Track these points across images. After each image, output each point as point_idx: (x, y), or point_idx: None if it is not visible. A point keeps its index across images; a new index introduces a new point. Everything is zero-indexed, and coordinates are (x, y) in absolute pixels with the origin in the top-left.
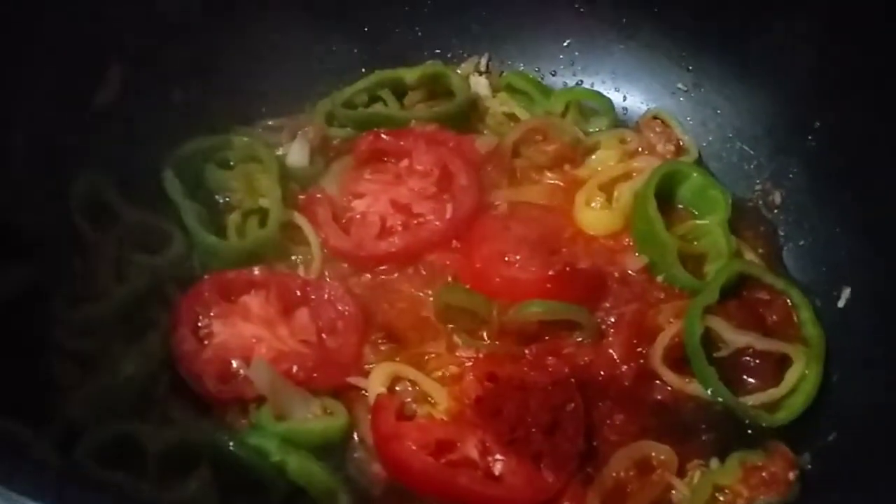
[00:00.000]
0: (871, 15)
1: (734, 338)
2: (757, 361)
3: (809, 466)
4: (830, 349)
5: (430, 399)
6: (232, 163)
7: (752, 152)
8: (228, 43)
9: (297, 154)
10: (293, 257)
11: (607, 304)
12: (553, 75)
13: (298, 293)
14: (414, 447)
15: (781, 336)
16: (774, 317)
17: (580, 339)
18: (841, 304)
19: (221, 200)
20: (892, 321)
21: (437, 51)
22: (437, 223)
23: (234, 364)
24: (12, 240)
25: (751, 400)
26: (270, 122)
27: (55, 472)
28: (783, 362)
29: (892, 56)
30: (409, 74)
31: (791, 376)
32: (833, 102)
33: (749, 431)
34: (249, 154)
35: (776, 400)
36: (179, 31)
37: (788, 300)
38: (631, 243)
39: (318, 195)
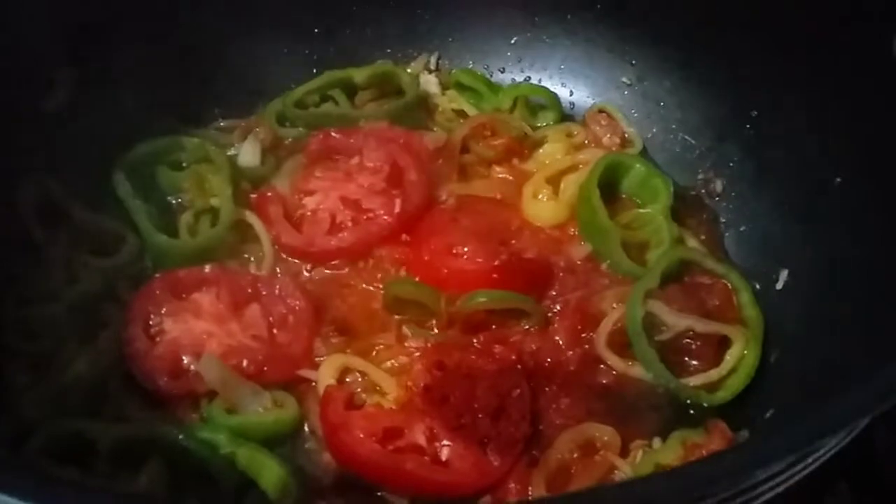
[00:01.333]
0: (805, 4)
1: (675, 321)
2: (698, 343)
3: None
4: (768, 330)
5: (379, 389)
6: (184, 164)
7: (693, 142)
8: (179, 45)
9: (248, 154)
10: (245, 255)
11: (553, 293)
12: (501, 72)
13: (249, 290)
14: (361, 435)
15: (722, 318)
16: (715, 300)
17: (527, 326)
18: (779, 286)
19: (174, 201)
20: (826, 302)
21: (388, 50)
22: (387, 218)
23: (185, 360)
24: None
25: (692, 381)
26: (222, 123)
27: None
28: (723, 344)
29: (826, 46)
30: (360, 74)
31: (731, 357)
32: (769, 92)
33: (691, 411)
34: (201, 155)
35: (716, 380)
36: (130, 34)
37: (728, 284)
38: (576, 233)
39: (270, 193)
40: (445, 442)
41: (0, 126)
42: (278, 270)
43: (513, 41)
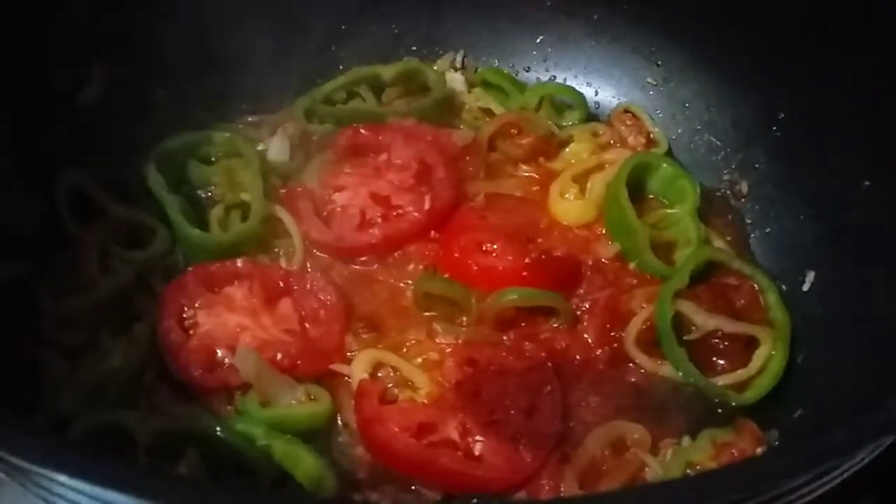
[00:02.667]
0: (834, 10)
1: (704, 321)
2: (726, 344)
3: (777, 442)
4: (796, 331)
5: (411, 384)
6: (213, 158)
7: (719, 143)
8: (209, 42)
9: (277, 149)
10: (276, 250)
11: (581, 291)
12: (527, 71)
13: (281, 284)
14: (396, 429)
15: (749, 319)
16: (742, 301)
17: (556, 324)
18: (805, 287)
19: (204, 195)
20: (852, 304)
21: (414, 48)
22: (416, 214)
23: (220, 353)
24: None
25: (720, 380)
26: (251, 119)
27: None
28: (751, 344)
29: (854, 48)
30: (387, 71)
31: (758, 357)
32: (796, 94)
33: (719, 410)
34: (231, 150)
35: (744, 380)
36: (161, 30)
37: (755, 285)
38: (604, 232)
39: (299, 189)
40: (478, 437)
41: (35, 120)
42: (308, 265)
43: (538, 40)
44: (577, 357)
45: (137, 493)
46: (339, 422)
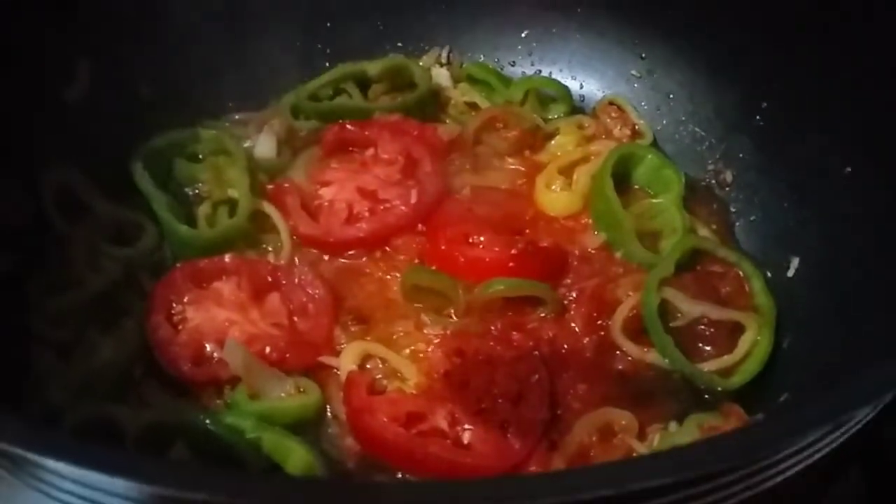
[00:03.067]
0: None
1: (689, 308)
2: (712, 330)
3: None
4: (781, 316)
5: (399, 375)
6: (200, 156)
7: (703, 134)
8: (195, 39)
9: (264, 146)
10: (263, 245)
11: (568, 281)
12: (512, 65)
13: (269, 278)
14: (385, 419)
15: (734, 305)
16: (727, 288)
17: (543, 314)
18: (790, 273)
19: (191, 192)
20: (836, 289)
21: (399, 44)
22: (403, 208)
23: (208, 347)
24: None
25: (707, 366)
26: (237, 116)
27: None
28: (736, 330)
29: (836, 37)
30: (372, 67)
31: (744, 343)
32: (778, 83)
33: (706, 396)
34: (218, 147)
35: (730, 366)
36: (146, 27)
37: (740, 272)
38: (590, 223)
39: (286, 185)
40: (467, 426)
41: (22, 116)
42: (296, 260)
43: (523, 35)
44: (565, 346)
45: (139, 477)
46: (329, 413)
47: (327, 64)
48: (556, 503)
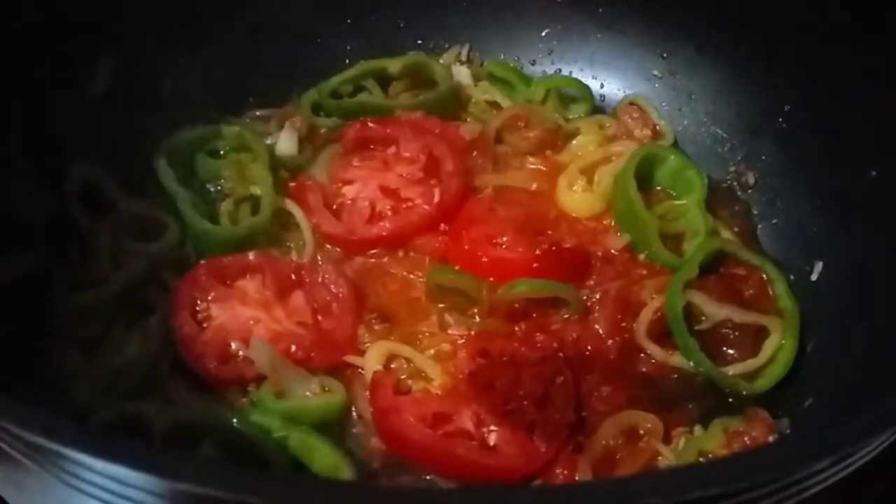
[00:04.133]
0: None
1: (714, 311)
2: (736, 333)
3: (788, 430)
4: (805, 320)
5: (424, 375)
6: (222, 152)
7: (725, 135)
8: (217, 36)
9: (286, 143)
10: (286, 243)
11: (592, 282)
12: (532, 64)
13: (293, 276)
14: (412, 420)
15: (758, 309)
16: (751, 291)
17: (567, 315)
18: (814, 277)
19: (213, 189)
20: (860, 292)
21: (419, 42)
22: (426, 207)
23: (233, 345)
24: (10, 230)
25: (731, 370)
26: (258, 113)
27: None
28: (761, 334)
29: (860, 39)
30: (393, 65)
31: (768, 347)
32: (802, 85)
33: (730, 400)
34: (240, 143)
35: (755, 369)
36: (169, 24)
37: (764, 275)
38: (612, 224)
39: (309, 182)
40: (493, 427)
41: (45, 113)
42: (319, 258)
43: (544, 33)
44: (589, 348)
45: (170, 473)
46: (354, 413)
47: (348, 61)
48: None
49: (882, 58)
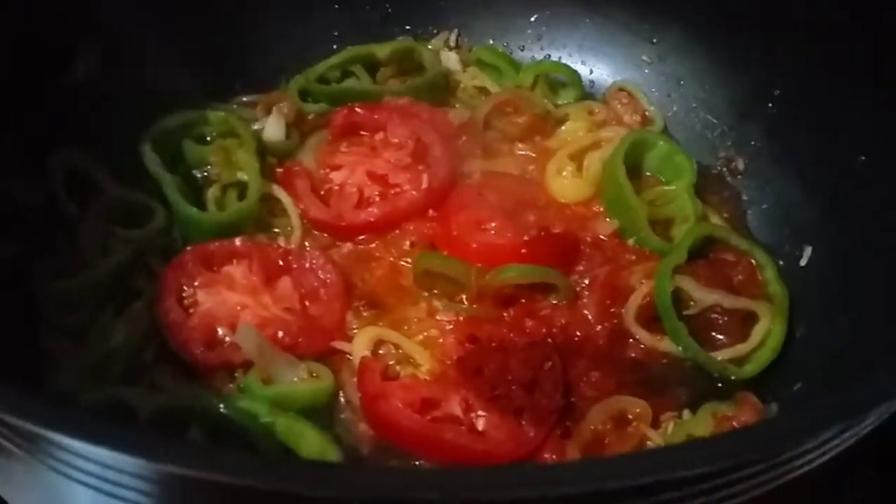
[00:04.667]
0: None
1: (703, 296)
2: (725, 318)
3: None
4: (794, 305)
5: (412, 361)
6: (209, 138)
7: (715, 121)
8: (201, 21)
9: (273, 128)
10: (274, 229)
11: (581, 268)
12: (521, 50)
13: (280, 262)
14: (400, 405)
15: (747, 294)
16: (740, 276)
17: (556, 301)
18: (803, 262)
19: (199, 175)
20: (850, 278)
21: (408, 27)
22: (415, 193)
23: (220, 331)
24: None
25: (720, 355)
26: (245, 99)
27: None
28: (749, 319)
29: (849, 24)
30: (381, 50)
31: (757, 332)
32: (791, 71)
33: (719, 385)
34: (226, 129)
35: (744, 354)
36: (154, 8)
37: (753, 260)
38: (601, 209)
39: (296, 168)
40: (481, 412)
41: (29, 98)
42: (307, 244)
43: (533, 19)
44: (578, 333)
45: (156, 455)
46: (342, 399)
47: (336, 47)
48: (583, 492)
49: (871, 43)
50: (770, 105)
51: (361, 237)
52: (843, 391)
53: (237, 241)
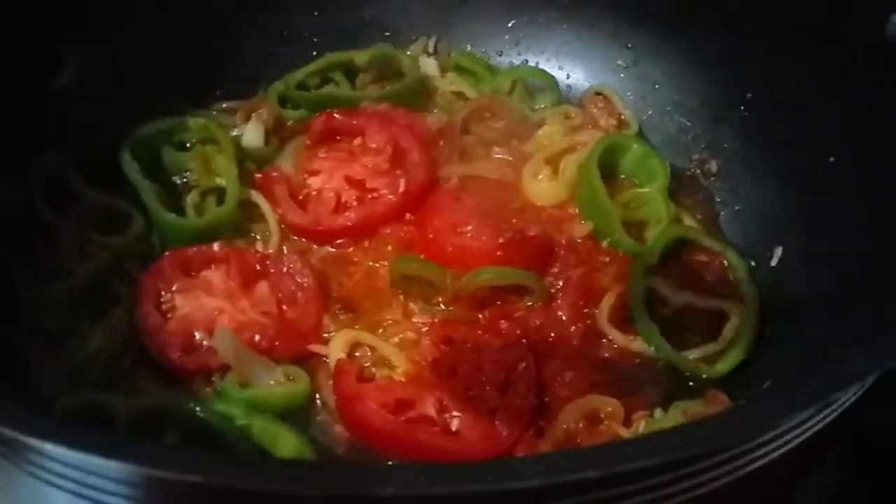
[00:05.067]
0: None
1: (675, 297)
2: (696, 318)
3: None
4: (764, 305)
5: (388, 363)
6: (188, 144)
7: (689, 124)
8: (182, 27)
9: (252, 134)
10: (252, 234)
11: (555, 269)
12: (499, 55)
13: (258, 267)
14: (374, 406)
15: (719, 294)
16: (712, 277)
17: (530, 302)
18: (773, 262)
19: (179, 181)
20: (818, 278)
21: (386, 33)
22: (392, 197)
23: (198, 335)
24: None
25: (691, 354)
26: (224, 105)
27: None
28: (721, 318)
29: (821, 28)
30: (360, 56)
31: (728, 331)
32: (763, 74)
33: (690, 383)
34: (205, 135)
35: (715, 353)
36: (133, 14)
37: (725, 261)
38: (576, 212)
39: (275, 174)
40: (455, 413)
41: (7, 104)
42: (285, 249)
43: (510, 24)
44: (552, 334)
45: (133, 459)
46: (318, 401)
47: (315, 53)
48: (541, 485)
49: (843, 46)
50: (743, 108)
51: (339, 241)
52: (803, 382)
53: (215, 247)
